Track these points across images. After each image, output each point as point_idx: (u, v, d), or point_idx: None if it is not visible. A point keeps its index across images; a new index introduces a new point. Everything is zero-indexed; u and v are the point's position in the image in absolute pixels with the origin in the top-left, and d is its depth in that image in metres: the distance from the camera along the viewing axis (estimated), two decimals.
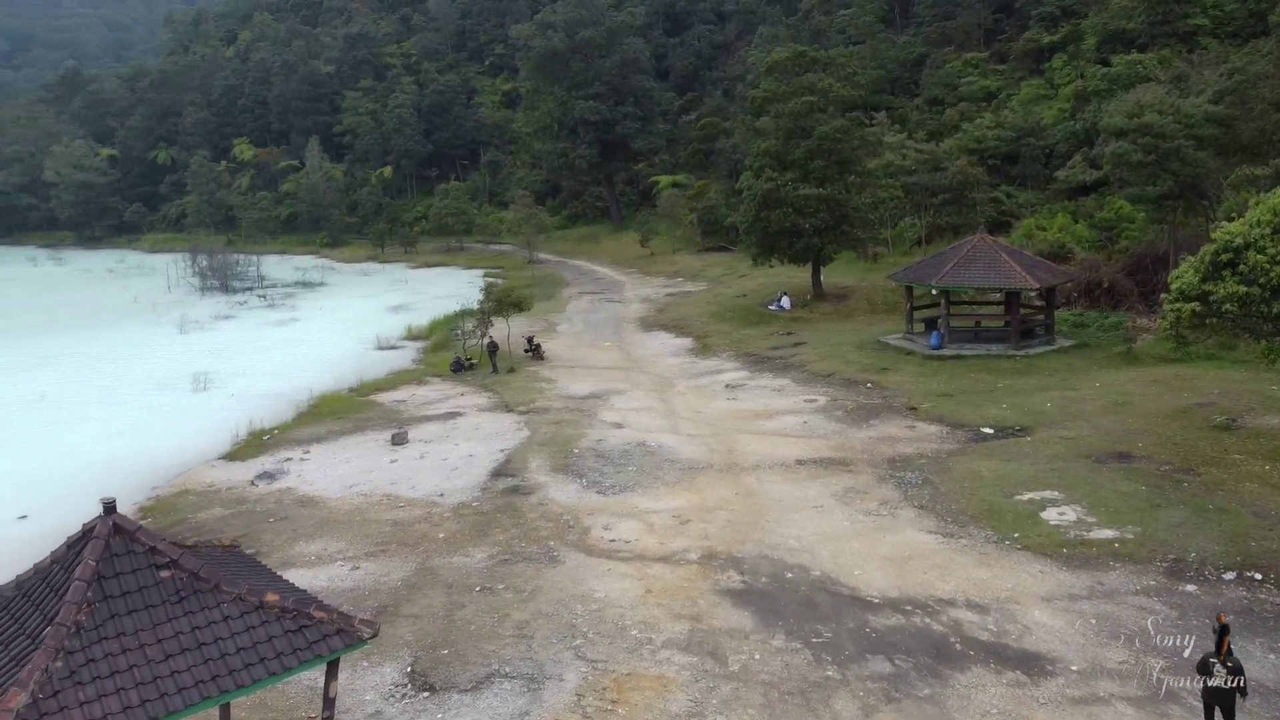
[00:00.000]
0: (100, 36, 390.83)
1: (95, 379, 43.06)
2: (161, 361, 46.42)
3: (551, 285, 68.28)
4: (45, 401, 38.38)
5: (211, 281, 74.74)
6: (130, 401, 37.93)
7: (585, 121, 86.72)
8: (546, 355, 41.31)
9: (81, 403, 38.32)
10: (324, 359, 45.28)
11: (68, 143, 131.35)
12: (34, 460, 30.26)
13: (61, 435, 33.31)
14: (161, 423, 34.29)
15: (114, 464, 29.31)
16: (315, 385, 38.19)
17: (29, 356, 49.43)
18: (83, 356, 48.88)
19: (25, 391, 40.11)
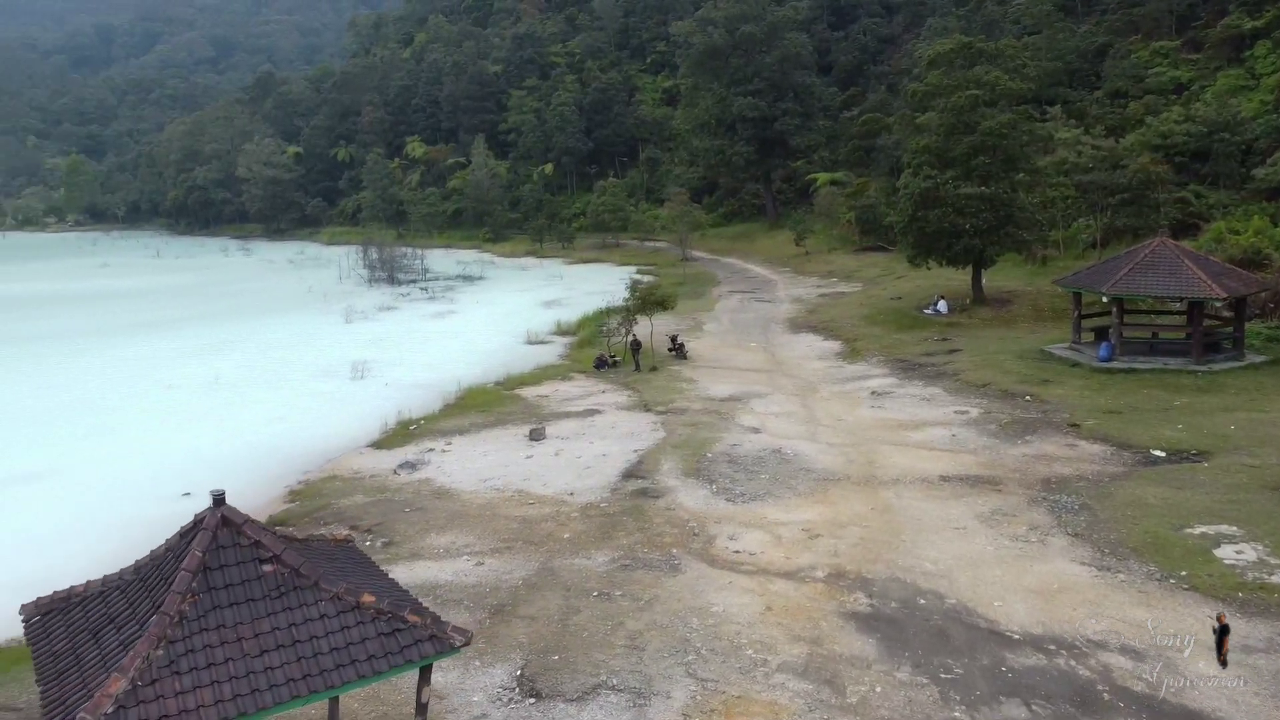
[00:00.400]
0: (294, 41, 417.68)
1: (266, 364, 45.63)
2: (326, 349, 48.73)
3: (702, 283, 67.85)
4: (220, 384, 40.91)
5: (379, 274, 78.25)
6: (295, 387, 39.93)
7: (743, 118, 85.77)
8: (690, 354, 40.89)
9: (251, 386, 40.62)
10: (476, 352, 46.42)
11: (258, 141, 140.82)
12: (204, 439, 32.18)
13: (231, 417, 35.34)
14: (320, 408, 35.90)
15: (274, 447, 30.83)
16: (464, 378, 39.14)
17: (213, 341, 52.97)
18: (258, 342, 51.96)
19: (204, 374, 42.92)
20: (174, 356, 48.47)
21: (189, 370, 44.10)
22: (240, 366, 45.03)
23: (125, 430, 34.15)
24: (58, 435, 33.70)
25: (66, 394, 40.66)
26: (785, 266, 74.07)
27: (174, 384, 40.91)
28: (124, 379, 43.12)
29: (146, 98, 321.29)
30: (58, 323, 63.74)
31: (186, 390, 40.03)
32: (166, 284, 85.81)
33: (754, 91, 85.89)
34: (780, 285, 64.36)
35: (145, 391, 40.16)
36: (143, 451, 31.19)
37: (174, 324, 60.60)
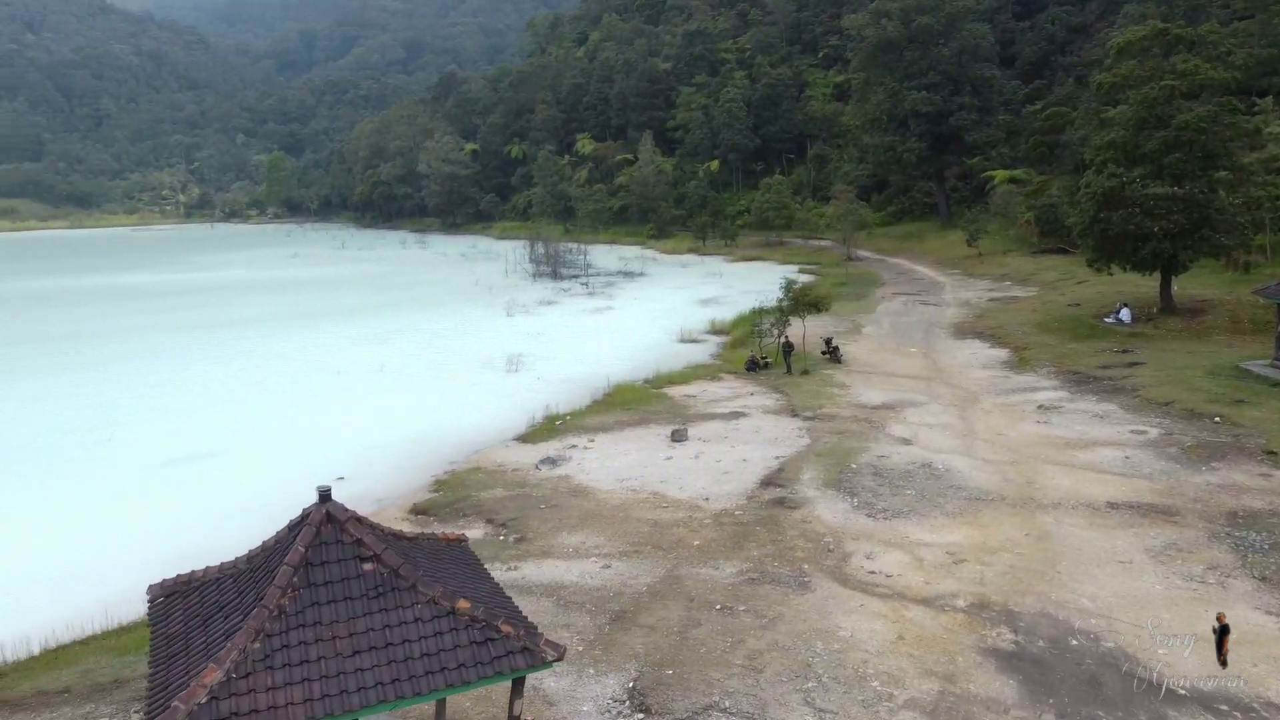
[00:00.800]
0: (478, 43, 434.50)
1: (429, 354, 47.25)
2: (486, 342, 50.00)
3: (865, 284, 65.77)
4: (384, 371, 42.61)
5: (543, 269, 79.96)
6: (453, 377, 41.09)
7: (916, 113, 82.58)
8: (845, 358, 39.49)
9: (413, 375, 42.10)
10: (628, 349, 46.52)
11: (438, 138, 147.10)
12: (364, 425, 33.48)
13: (391, 404, 36.66)
14: (473, 400, 36.75)
15: (426, 435, 31.73)
16: (614, 374, 39.24)
17: (383, 330, 55.39)
18: (424, 332, 53.94)
19: (370, 361, 44.84)
20: (346, 344, 50.92)
21: (358, 357, 46.20)
22: (405, 355, 46.81)
23: (294, 413, 36.01)
24: (235, 415, 35.90)
25: (250, 376, 43.35)
26: (955, 268, 70.86)
27: (342, 370, 42.92)
28: (300, 364, 45.63)
29: (341, 98, 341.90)
30: (251, 310, 68.35)
31: (353, 376, 41.90)
32: (347, 274, 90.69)
33: (928, 85, 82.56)
34: (948, 288, 61.55)
35: (316, 376, 42.30)
36: (307, 434, 32.74)
37: (350, 313, 63.80)
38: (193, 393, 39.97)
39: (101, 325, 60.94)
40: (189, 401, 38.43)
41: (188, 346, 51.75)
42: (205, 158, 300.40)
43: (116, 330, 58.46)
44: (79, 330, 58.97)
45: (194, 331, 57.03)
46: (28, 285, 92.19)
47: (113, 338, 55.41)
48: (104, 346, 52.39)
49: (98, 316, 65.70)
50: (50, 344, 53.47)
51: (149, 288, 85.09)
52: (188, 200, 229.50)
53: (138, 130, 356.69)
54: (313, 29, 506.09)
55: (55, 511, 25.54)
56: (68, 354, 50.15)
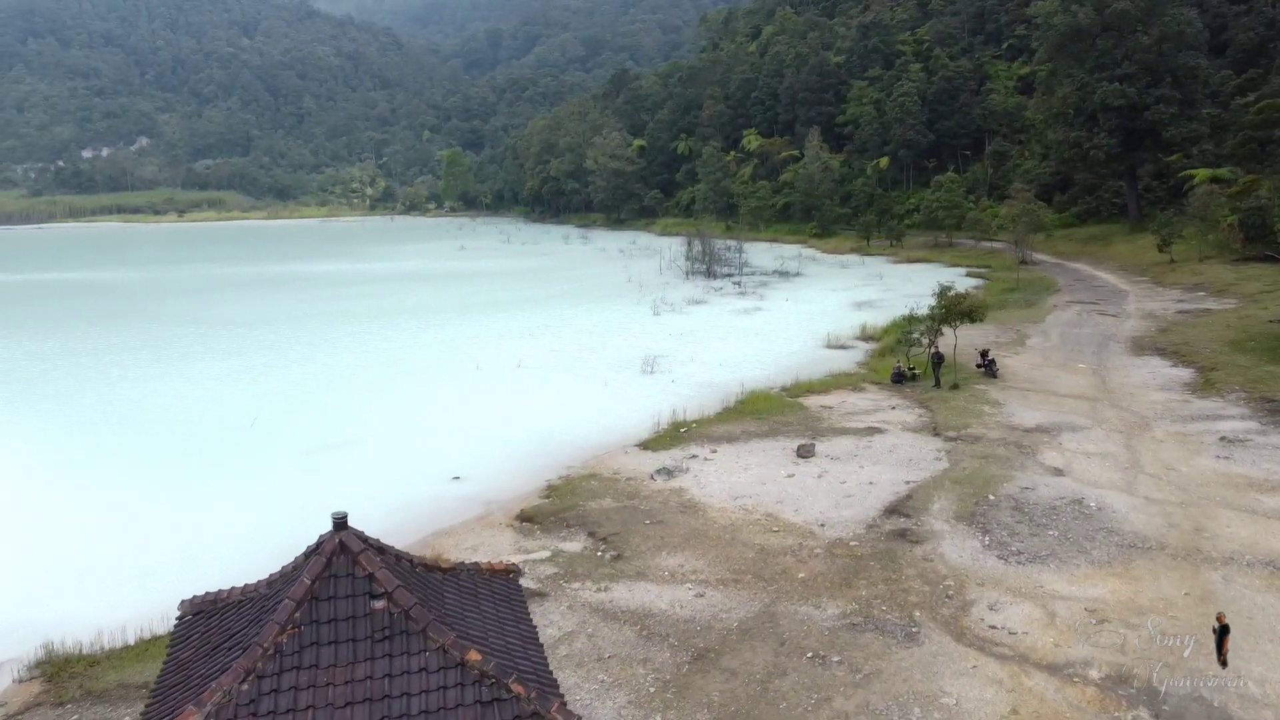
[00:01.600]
0: (656, 39, 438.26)
1: (569, 351, 47.03)
2: (629, 340, 49.39)
3: (1037, 290, 61.26)
4: (520, 369, 42.61)
5: (698, 266, 78.85)
6: (588, 376, 40.60)
7: (1107, 107, 76.32)
8: (1001, 372, 36.44)
9: (549, 371, 41.90)
10: (771, 353, 44.82)
11: (606, 134, 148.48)
12: (491, 422, 33.37)
13: (522, 402, 36.47)
14: (603, 401, 36.08)
15: (550, 435, 31.26)
16: (751, 379, 37.80)
17: (530, 325, 55.78)
18: (569, 329, 53.91)
19: (511, 357, 44.96)
20: (494, 338, 51.48)
21: (501, 353, 46.47)
22: (545, 352, 46.77)
23: (430, 407, 36.33)
24: (376, 407, 36.60)
25: (397, 368, 44.38)
26: (1143, 276, 65.05)
27: (483, 365, 43.21)
28: (446, 357, 46.37)
29: (520, 95, 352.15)
30: (412, 300, 70.60)
31: (492, 371, 42.10)
32: (508, 268, 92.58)
33: (1122, 76, 76.11)
34: (1132, 297, 56.42)
35: (458, 370, 42.77)
36: (437, 430, 32.89)
37: (503, 306, 64.77)
38: (341, 382, 41.20)
39: (275, 312, 64.28)
40: (336, 391, 39.59)
41: (347, 336, 53.72)
42: (393, 153, 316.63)
43: (289, 318, 61.48)
44: (259, 316, 62.37)
45: (357, 322, 59.22)
46: (227, 272, 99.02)
47: (284, 325, 58.23)
48: (273, 333, 55.09)
49: (277, 304, 69.43)
50: (225, 330, 56.76)
51: (326, 277, 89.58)
52: (374, 194, 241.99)
53: (334, 127, 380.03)
54: (498, 29, 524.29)
55: (185, 495, 26.44)
56: (236, 341, 53.02)
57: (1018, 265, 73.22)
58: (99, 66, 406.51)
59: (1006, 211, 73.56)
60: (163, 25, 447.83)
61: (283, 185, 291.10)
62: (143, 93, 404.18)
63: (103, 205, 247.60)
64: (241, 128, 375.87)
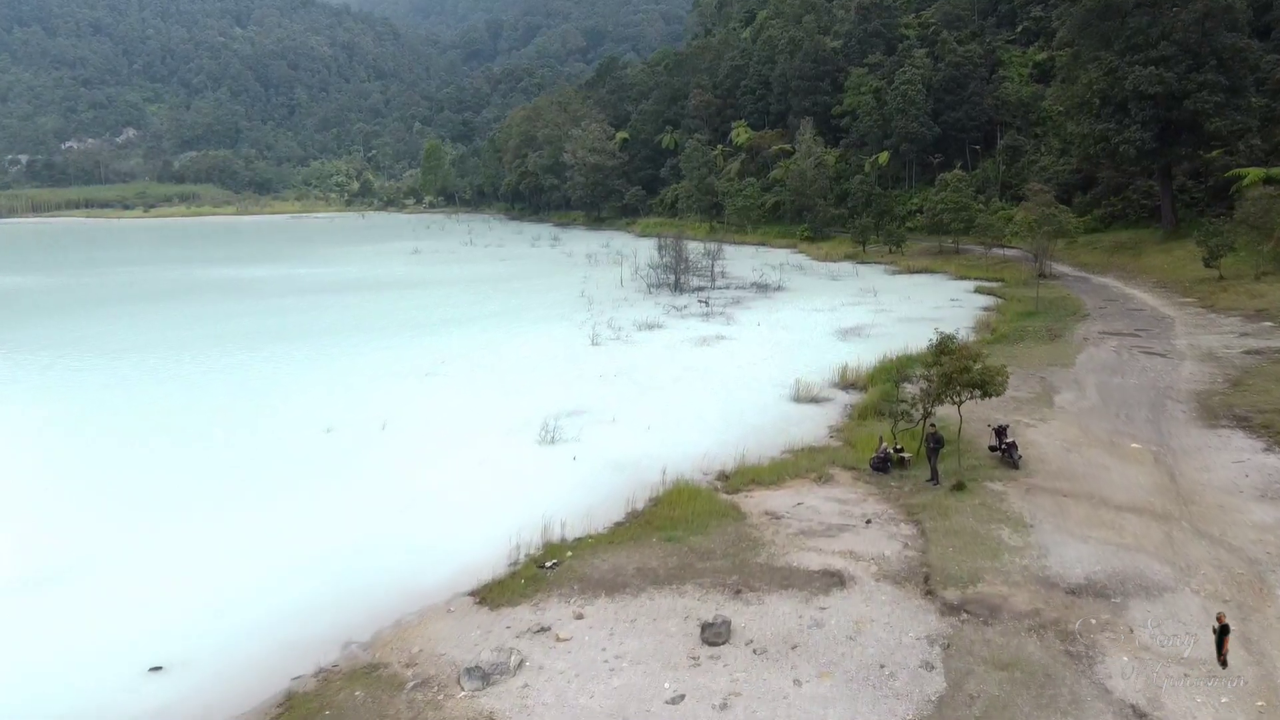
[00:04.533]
0: (659, 30, 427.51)
1: (464, 399, 36.52)
2: (547, 383, 38.96)
3: (1061, 314, 50.70)
4: (384, 433, 32.03)
5: (664, 277, 68.16)
6: (464, 449, 30.09)
7: (1141, 95, 65.45)
8: (1025, 458, 25.88)
9: (416, 441, 31.39)
10: (722, 408, 34.37)
11: (585, 126, 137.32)
12: (280, 542, 22.84)
13: (349, 498, 25.96)
14: (464, 495, 25.66)
15: (351, 572, 20.82)
16: (683, 458, 27.60)
17: (439, 356, 45.13)
18: (481, 365, 43.40)
19: (378, 414, 34.26)
20: (380, 377, 41.08)
21: (375, 403, 35.95)
22: (432, 401, 36.28)
23: (213, 513, 25.73)
24: (115, 515, 25.69)
25: (223, 430, 33.88)
26: (1186, 296, 54.42)
27: (337, 426, 32.74)
28: (300, 409, 35.85)
29: (516, 86, 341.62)
30: (327, 317, 60.22)
31: (343, 437, 31.66)
32: (456, 277, 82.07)
33: (1159, 60, 65.23)
34: (1179, 327, 45.82)
35: (298, 435, 32.28)
36: (192, 558, 22.36)
37: (422, 329, 54.37)
38: (131, 461, 30.58)
39: (156, 336, 53.90)
40: (99, 476, 29.12)
41: (211, 372, 43.31)
42: (381, 145, 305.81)
43: (166, 344, 51.12)
44: (133, 342, 52.03)
45: (241, 349, 48.91)
46: (148, 276, 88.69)
47: (153, 354, 47.89)
48: (126, 367, 44.71)
49: (168, 323, 59.09)
50: (75, 358, 46.44)
51: (251, 285, 79.21)
52: (351, 189, 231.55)
53: (325, 118, 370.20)
54: (499, 19, 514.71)
55: None
56: (55, 380, 42.68)
57: (1036, 279, 62.67)
58: (86, 56, 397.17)
59: (1023, 216, 62.84)
60: (153, 14, 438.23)
61: (264, 179, 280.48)
62: (130, 83, 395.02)
63: (69, 200, 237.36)
64: (230, 119, 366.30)
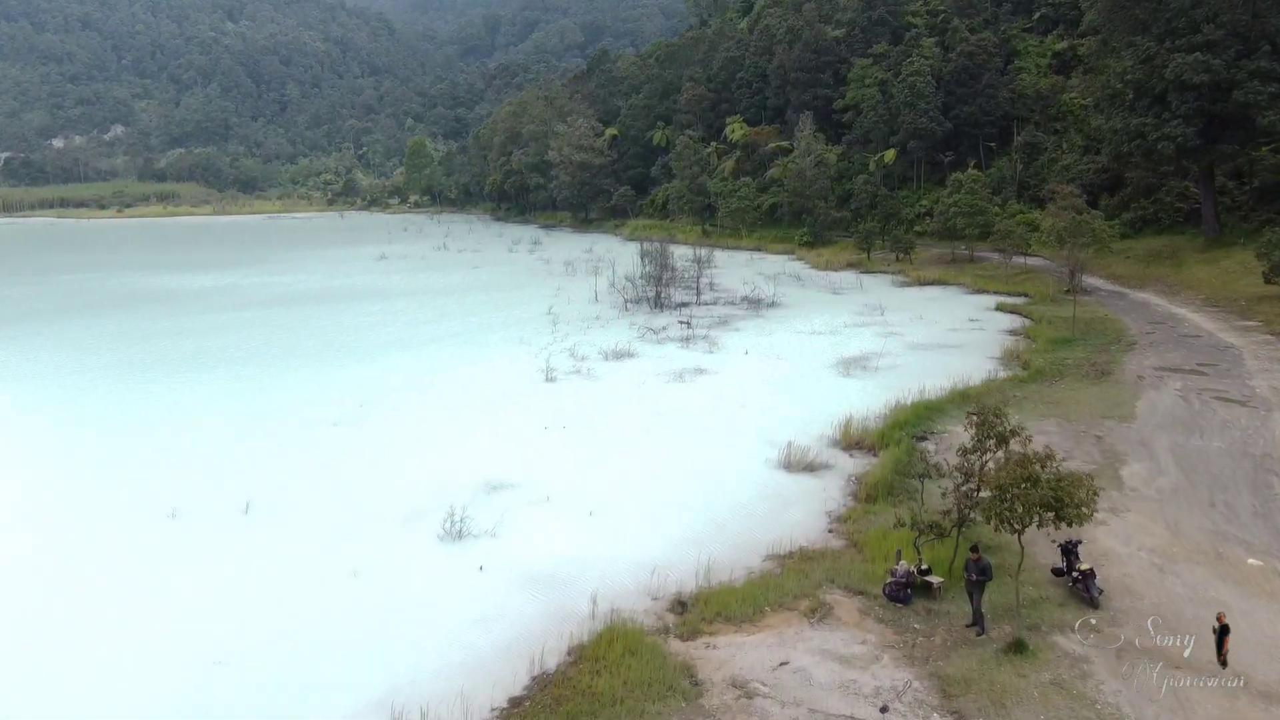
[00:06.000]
0: (658, 25, 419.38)
1: (363, 466, 28.87)
2: (478, 439, 31.37)
3: (1103, 340, 43.06)
4: (247, 516, 24.43)
5: (643, 292, 60.34)
6: (327, 553, 22.37)
7: (1182, 85, 57.71)
8: (1103, 593, 18.14)
9: (289, 525, 23.85)
10: (690, 480, 26.75)
11: (571, 122, 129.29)
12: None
13: (142, 643, 18.42)
14: (300, 648, 18.02)
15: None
16: (626, 572, 20.16)
17: (364, 396, 37.58)
18: (394, 409, 35.66)
19: (251, 485, 26.65)
20: (271, 428, 33.51)
21: (239, 477, 28.17)
22: (316, 473, 28.55)
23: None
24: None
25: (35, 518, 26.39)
26: (1246, 317, 46.73)
27: (183, 510, 25.08)
28: (147, 483, 28.16)
29: (510, 82, 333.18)
30: (257, 336, 52.62)
31: (180, 532, 23.99)
32: (418, 288, 74.36)
33: (1203, 45, 57.51)
34: (1249, 360, 38.13)
35: (128, 524, 24.65)
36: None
37: (357, 356, 46.76)
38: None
39: (34, 366, 46.48)
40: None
41: (61, 408, 35.84)
42: (372, 142, 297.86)
43: (36, 375, 43.70)
44: None
45: (142, 382, 41.64)
46: (86, 285, 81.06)
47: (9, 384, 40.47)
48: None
49: (67, 347, 51.65)
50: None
51: (188, 297, 71.62)
52: (336, 188, 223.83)
53: (316, 115, 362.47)
54: (496, 14, 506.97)
55: None
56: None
57: (1064, 294, 55.04)
58: (74, 51, 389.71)
59: (1050, 225, 55.11)
60: (143, 9, 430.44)
61: (249, 177, 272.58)
62: (119, 79, 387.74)
63: (43, 199, 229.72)
64: (220, 115, 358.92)
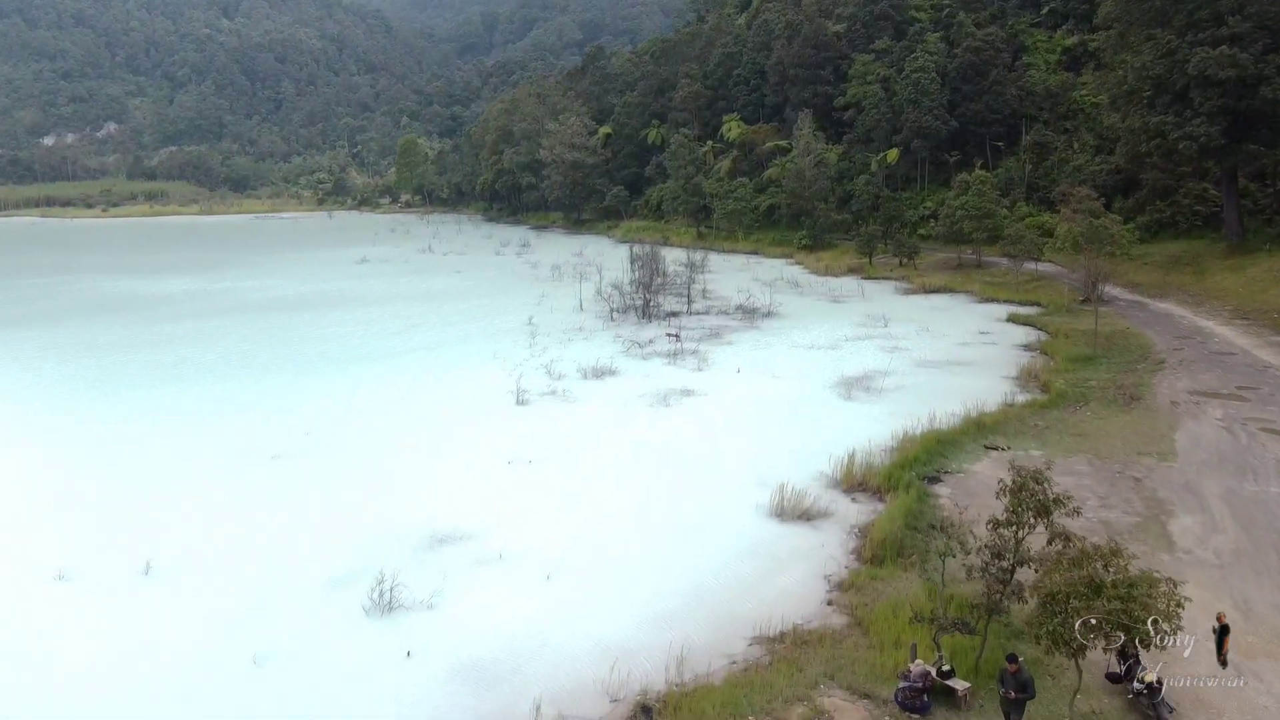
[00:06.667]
0: (657, 23, 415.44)
1: (275, 520, 25.14)
2: (425, 482, 27.64)
3: (1127, 357, 39.35)
4: (149, 579, 20.75)
5: (630, 300, 56.56)
6: (230, 633, 18.69)
7: (1206, 80, 53.94)
8: (1175, 712, 14.40)
9: (183, 599, 20.16)
10: (667, 532, 23.05)
11: (562, 120, 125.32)
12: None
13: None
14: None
15: None
16: (589, 651, 16.71)
17: (313, 420, 33.89)
18: (341, 441, 31.95)
19: (155, 542, 23.00)
20: (204, 462, 29.80)
21: (150, 526, 24.55)
22: (237, 522, 24.84)
23: None
24: None
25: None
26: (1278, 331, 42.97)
27: (74, 572, 21.39)
28: (49, 537, 24.49)
29: (508, 80, 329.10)
30: (217, 348, 48.96)
31: (74, 593, 20.42)
32: (398, 293, 70.59)
33: (1230, 38, 53.77)
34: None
35: (18, 583, 21.00)
36: None
37: (315, 370, 43.10)
38: None
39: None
40: None
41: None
42: (366, 140, 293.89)
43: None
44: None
45: (72, 390, 37.96)
46: (55, 289, 77.37)
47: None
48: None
49: (16, 347, 47.99)
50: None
51: (152, 303, 67.89)
52: (327, 186, 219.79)
53: (311, 113, 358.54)
54: (495, 12, 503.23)
55: None
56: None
57: (1079, 304, 51.38)
58: (67, 48, 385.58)
59: (1066, 230, 51.39)
60: (137, 5, 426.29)
61: (241, 176, 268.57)
62: (112, 76, 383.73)
63: (29, 198, 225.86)
64: (214, 113, 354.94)
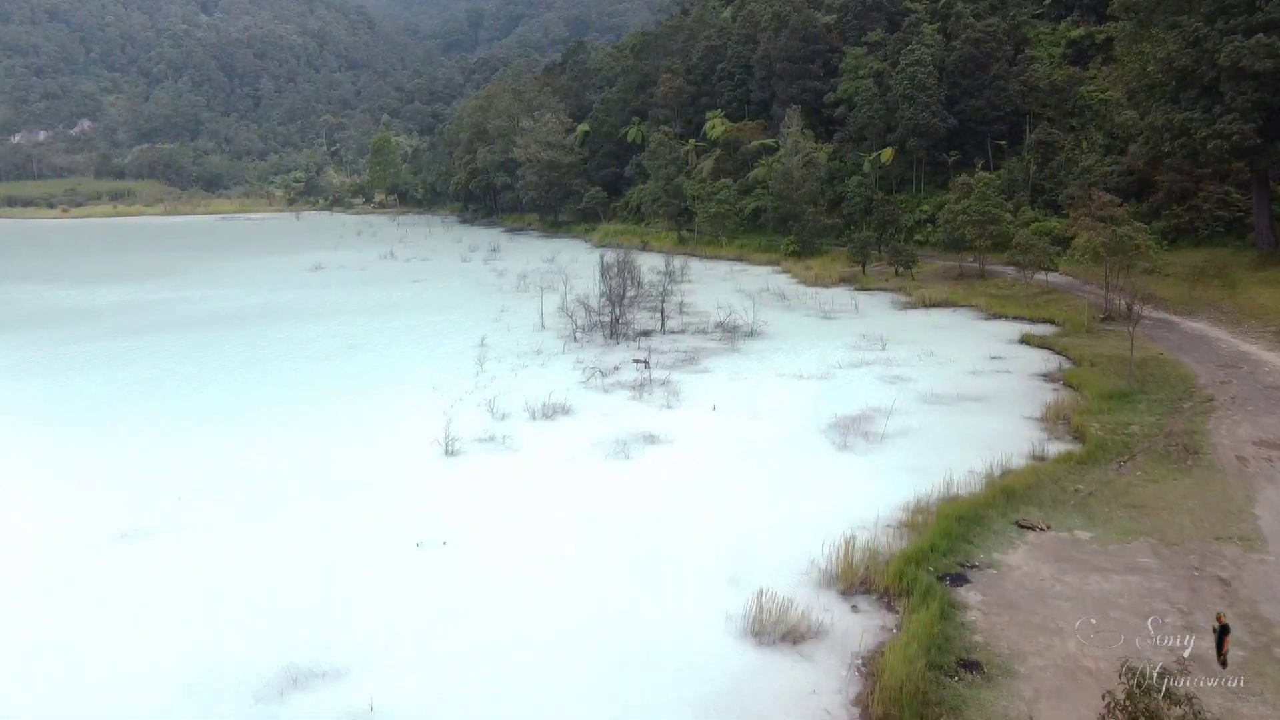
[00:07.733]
0: (643, 19, 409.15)
1: (71, 653, 19.06)
2: (309, 573, 21.55)
3: (1169, 392, 33.52)
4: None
5: (596, 317, 50.44)
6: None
7: (1239, 72, 48.31)
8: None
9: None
10: (600, 675, 17.00)
11: (537, 117, 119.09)
12: None
13: None
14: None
15: None
16: None
17: (154, 491, 27.77)
18: (209, 520, 25.83)
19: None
20: (27, 553, 23.66)
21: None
22: (21, 662, 18.75)
23: None
24: None
25: None
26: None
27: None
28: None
29: (490, 77, 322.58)
30: (117, 376, 42.76)
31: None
32: (345, 305, 64.31)
33: (1265, 25, 48.14)
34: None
35: None
36: None
37: (216, 407, 36.88)
38: None
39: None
40: None
41: None
42: (345, 138, 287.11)
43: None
44: None
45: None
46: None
47: None
48: None
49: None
50: None
51: (78, 313, 61.48)
52: (299, 186, 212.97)
53: (290, 110, 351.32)
54: (480, 8, 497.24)
55: None
56: None
57: (1101, 322, 45.55)
58: (39, 43, 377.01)
59: (1086, 242, 45.53)
60: (113, 0, 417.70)
61: (213, 175, 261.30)
62: (87, 72, 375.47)
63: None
64: (190, 110, 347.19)
